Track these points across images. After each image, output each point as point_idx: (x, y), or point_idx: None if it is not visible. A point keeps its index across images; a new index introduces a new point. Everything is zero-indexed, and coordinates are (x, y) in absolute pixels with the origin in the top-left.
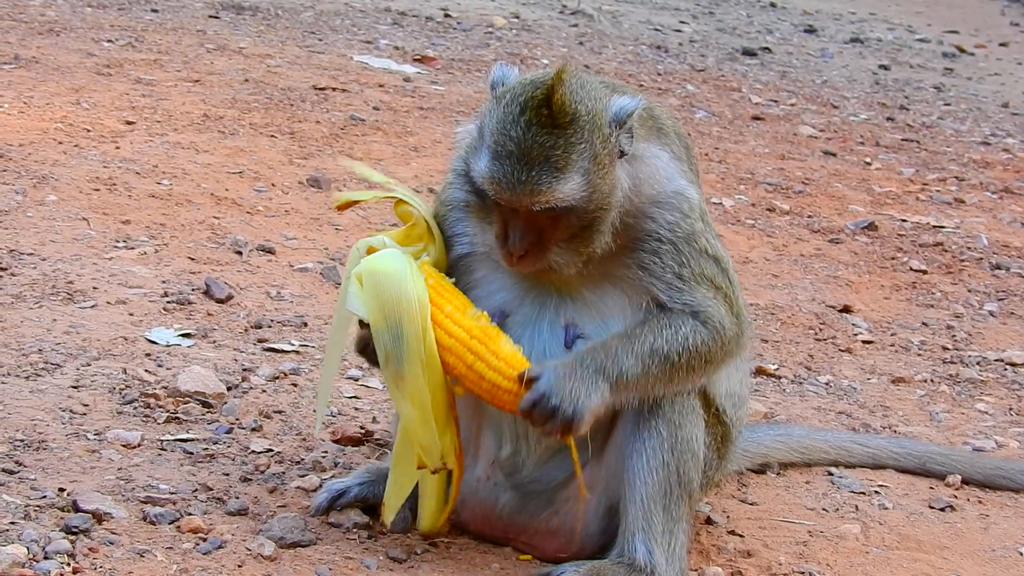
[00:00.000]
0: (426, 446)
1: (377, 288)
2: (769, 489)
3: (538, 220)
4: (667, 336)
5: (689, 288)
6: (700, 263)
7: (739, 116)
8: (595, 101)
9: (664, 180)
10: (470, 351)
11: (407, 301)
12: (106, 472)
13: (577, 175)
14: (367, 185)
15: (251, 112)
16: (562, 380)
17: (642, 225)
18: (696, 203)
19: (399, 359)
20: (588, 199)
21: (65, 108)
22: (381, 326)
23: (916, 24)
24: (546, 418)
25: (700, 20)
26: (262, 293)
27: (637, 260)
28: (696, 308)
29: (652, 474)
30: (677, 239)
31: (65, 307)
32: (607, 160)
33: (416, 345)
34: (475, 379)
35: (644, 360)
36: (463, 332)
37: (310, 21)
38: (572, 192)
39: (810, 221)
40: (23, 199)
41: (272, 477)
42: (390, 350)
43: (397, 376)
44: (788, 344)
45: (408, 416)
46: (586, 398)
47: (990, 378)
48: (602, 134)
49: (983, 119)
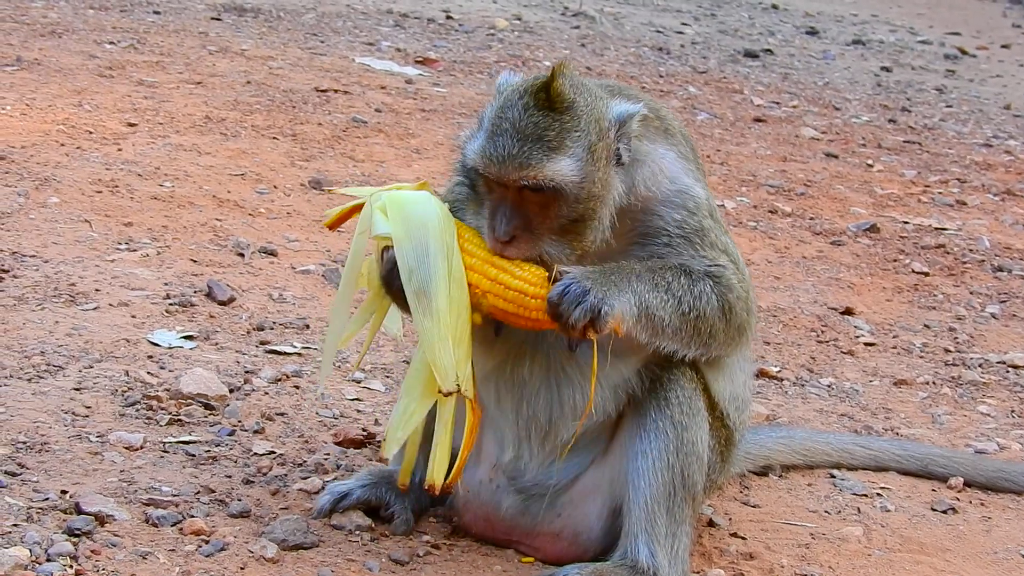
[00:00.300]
0: (442, 367)
1: (403, 211)
2: (771, 491)
3: (528, 203)
4: (685, 283)
5: (711, 257)
6: (712, 253)
7: (741, 118)
8: (596, 99)
9: (670, 179)
10: (493, 266)
11: (433, 222)
12: (108, 474)
13: (569, 159)
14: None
15: (253, 114)
16: (590, 275)
17: (649, 222)
18: (703, 201)
19: (426, 275)
20: (579, 186)
21: (67, 110)
22: (407, 245)
23: (918, 26)
24: (574, 304)
25: (702, 22)
26: (264, 295)
27: (650, 253)
28: (716, 272)
29: (657, 476)
30: (686, 234)
31: (67, 309)
32: (603, 155)
33: (443, 262)
34: (500, 291)
35: (663, 294)
36: (484, 253)
37: (312, 23)
38: (561, 173)
39: (812, 223)
40: (25, 201)
41: (274, 479)
42: (414, 266)
43: (420, 292)
44: (790, 346)
45: (428, 333)
46: (613, 294)
47: (992, 380)
48: (600, 128)
49: (985, 121)
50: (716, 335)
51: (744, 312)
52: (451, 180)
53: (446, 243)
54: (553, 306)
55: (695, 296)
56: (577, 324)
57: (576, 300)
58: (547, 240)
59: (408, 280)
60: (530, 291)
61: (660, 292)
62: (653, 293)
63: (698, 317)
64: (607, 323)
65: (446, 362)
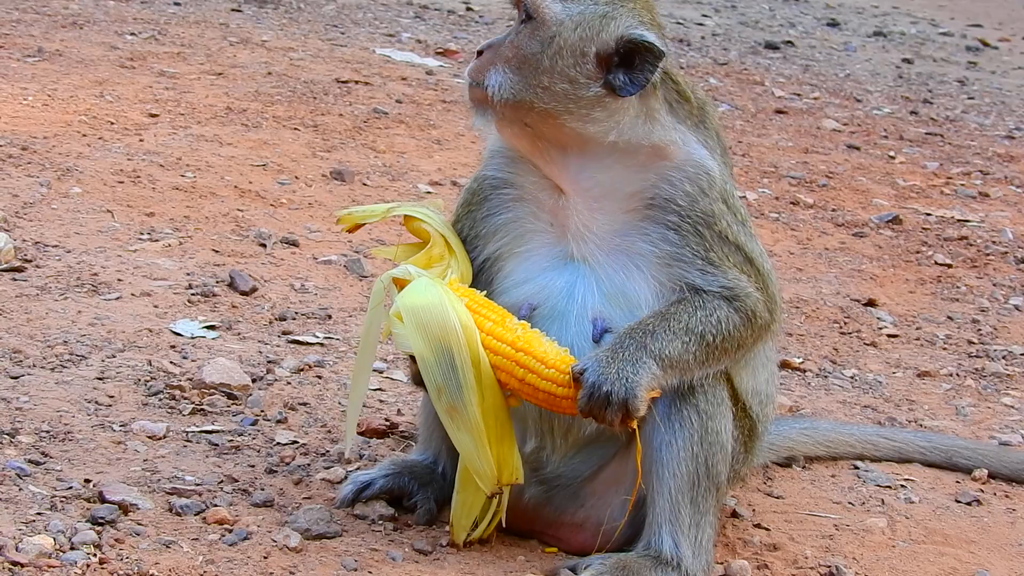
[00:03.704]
0: (481, 473)
1: (420, 323)
2: (795, 483)
3: (517, 31)
4: (701, 317)
5: (722, 271)
6: (724, 249)
7: (762, 110)
8: (632, 13)
9: (686, 150)
10: (519, 365)
11: (454, 331)
12: (132, 463)
13: (561, 5)
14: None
15: (274, 105)
16: (607, 365)
17: (659, 189)
18: (717, 178)
19: (455, 390)
20: (549, 29)
21: (89, 101)
22: (431, 360)
23: (939, 18)
24: (602, 408)
25: (722, 13)
26: (286, 285)
27: (660, 236)
28: (730, 293)
29: (681, 466)
30: (696, 219)
31: (90, 299)
32: (592, 41)
33: (470, 373)
34: (531, 392)
35: (681, 337)
36: (508, 348)
37: (332, 14)
38: (546, 4)
39: (834, 215)
40: (48, 191)
41: (297, 469)
42: (441, 383)
43: (451, 408)
44: (813, 338)
45: (465, 446)
46: (634, 375)
47: (1016, 372)
48: (606, 23)
49: (1007, 113)
50: (744, 344)
51: (767, 313)
52: (484, 160)
53: (470, 349)
54: (585, 414)
55: (715, 322)
56: (614, 423)
57: (603, 403)
58: (499, 64)
59: (438, 399)
60: (559, 392)
61: (679, 337)
62: (672, 343)
63: (724, 339)
64: (639, 407)
65: (486, 470)
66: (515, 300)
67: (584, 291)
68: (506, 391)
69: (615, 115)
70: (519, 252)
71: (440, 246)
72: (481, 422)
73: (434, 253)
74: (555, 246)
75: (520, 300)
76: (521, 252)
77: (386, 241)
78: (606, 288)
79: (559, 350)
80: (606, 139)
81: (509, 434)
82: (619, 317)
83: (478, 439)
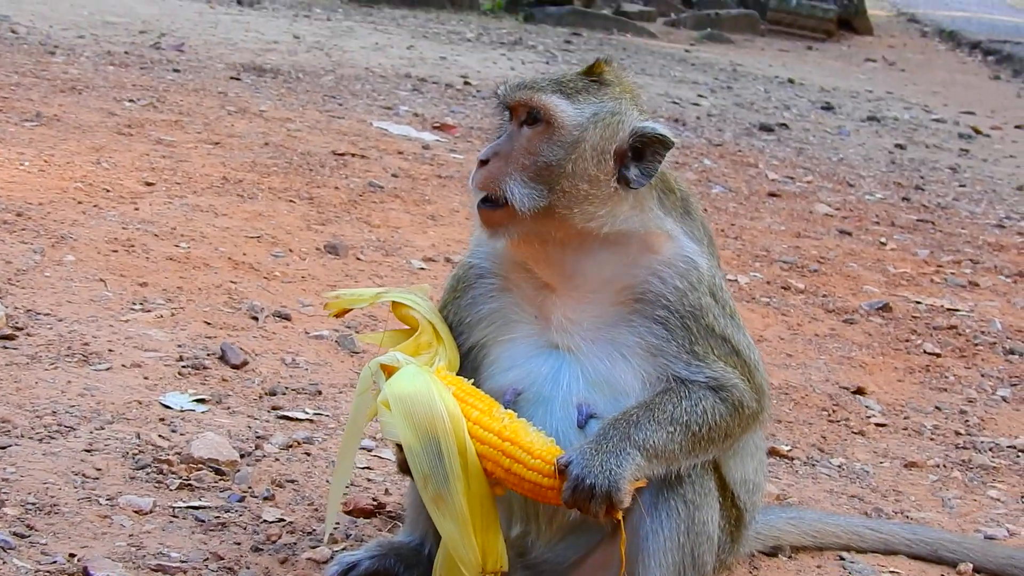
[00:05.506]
0: (466, 561)
1: (407, 412)
2: (780, 573)
3: (522, 138)
4: (686, 407)
5: (707, 364)
6: (711, 341)
7: (755, 192)
8: (630, 102)
9: (676, 244)
10: (505, 455)
11: (441, 420)
12: (117, 538)
13: (574, 107)
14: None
15: (270, 176)
16: (591, 457)
17: (648, 284)
18: (706, 273)
19: (442, 479)
20: (570, 131)
21: (85, 167)
22: (418, 449)
23: (932, 104)
24: (586, 500)
25: (718, 94)
26: (277, 360)
27: (647, 329)
28: (716, 383)
29: (667, 556)
30: (684, 314)
31: (80, 369)
32: (609, 140)
33: (457, 462)
34: (516, 481)
35: (666, 428)
36: (495, 437)
37: (330, 85)
38: (560, 108)
39: (825, 300)
40: (41, 259)
41: (283, 547)
42: (428, 472)
43: (437, 497)
44: (801, 425)
45: (450, 534)
46: (618, 468)
47: (1002, 465)
48: (617, 121)
49: (998, 201)
50: (732, 434)
51: (754, 403)
52: (472, 247)
53: (457, 438)
54: (569, 505)
55: (701, 413)
56: (598, 515)
57: (587, 496)
58: (516, 175)
59: (424, 487)
60: (545, 483)
61: (664, 428)
62: (657, 433)
63: (710, 429)
64: (623, 500)
65: (471, 558)
66: (500, 385)
67: (569, 378)
68: (492, 480)
69: (615, 207)
70: (504, 340)
71: (428, 333)
72: (467, 511)
73: (422, 340)
74: (540, 335)
75: (505, 385)
76: (506, 340)
77: (377, 318)
78: (591, 375)
79: (545, 440)
80: (602, 231)
81: (495, 522)
82: (604, 403)
83: (463, 527)
